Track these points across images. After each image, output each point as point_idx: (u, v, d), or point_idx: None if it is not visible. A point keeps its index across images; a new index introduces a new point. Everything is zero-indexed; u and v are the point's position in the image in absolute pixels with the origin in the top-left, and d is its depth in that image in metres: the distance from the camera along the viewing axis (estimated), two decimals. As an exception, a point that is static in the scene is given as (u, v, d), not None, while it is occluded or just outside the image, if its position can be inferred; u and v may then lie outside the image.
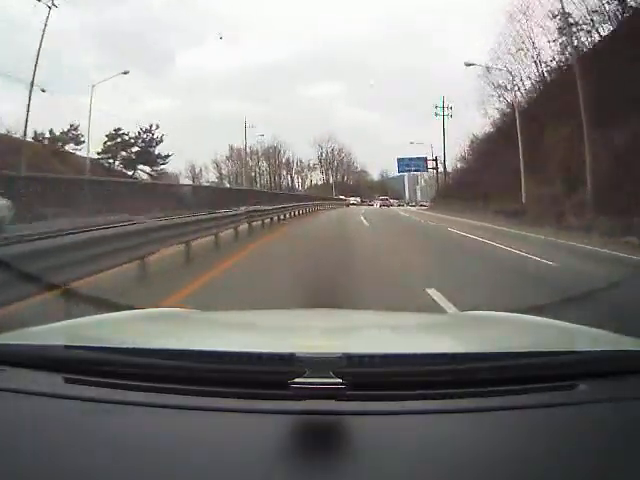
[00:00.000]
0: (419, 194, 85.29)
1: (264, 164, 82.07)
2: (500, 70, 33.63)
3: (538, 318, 1.99)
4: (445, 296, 6.01)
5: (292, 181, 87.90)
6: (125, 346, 1.38)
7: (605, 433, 1.11)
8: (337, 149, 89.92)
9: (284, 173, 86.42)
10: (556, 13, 28.66)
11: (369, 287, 6.80)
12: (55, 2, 26.45)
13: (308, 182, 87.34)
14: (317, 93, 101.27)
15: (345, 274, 7.57)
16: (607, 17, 27.50)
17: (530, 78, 34.19)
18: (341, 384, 1.06)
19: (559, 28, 29.44)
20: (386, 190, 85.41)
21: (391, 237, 17.18)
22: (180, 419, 1.13)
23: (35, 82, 25.27)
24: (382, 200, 66.19)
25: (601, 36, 27.92)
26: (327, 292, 5.18)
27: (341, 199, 55.20)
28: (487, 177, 31.16)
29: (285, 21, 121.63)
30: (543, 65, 32.81)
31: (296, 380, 1.07)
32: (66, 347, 1.34)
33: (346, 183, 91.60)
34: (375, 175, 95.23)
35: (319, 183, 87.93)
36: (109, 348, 1.35)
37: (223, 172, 77.21)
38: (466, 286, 7.00)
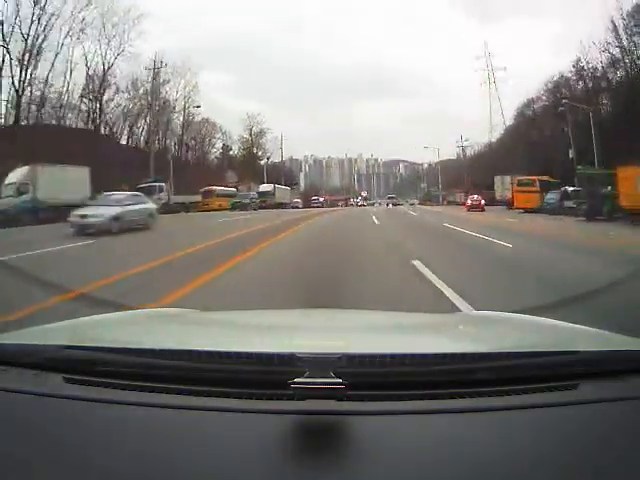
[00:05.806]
0: (302, 182, 79.02)
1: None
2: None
3: (538, 318, 1.99)
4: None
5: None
6: (125, 346, 1.38)
7: (606, 433, 1.11)
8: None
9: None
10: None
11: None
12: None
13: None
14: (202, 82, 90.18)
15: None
16: None
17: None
18: (341, 384, 1.06)
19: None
20: (278, 176, 64.98)
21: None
22: (180, 419, 1.13)
23: None
24: (390, 199, 63.70)
25: None
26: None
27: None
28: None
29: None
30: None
31: (296, 380, 1.07)
32: (66, 347, 1.34)
33: (184, 158, 44.61)
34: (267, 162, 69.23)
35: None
36: (109, 348, 1.35)
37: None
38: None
